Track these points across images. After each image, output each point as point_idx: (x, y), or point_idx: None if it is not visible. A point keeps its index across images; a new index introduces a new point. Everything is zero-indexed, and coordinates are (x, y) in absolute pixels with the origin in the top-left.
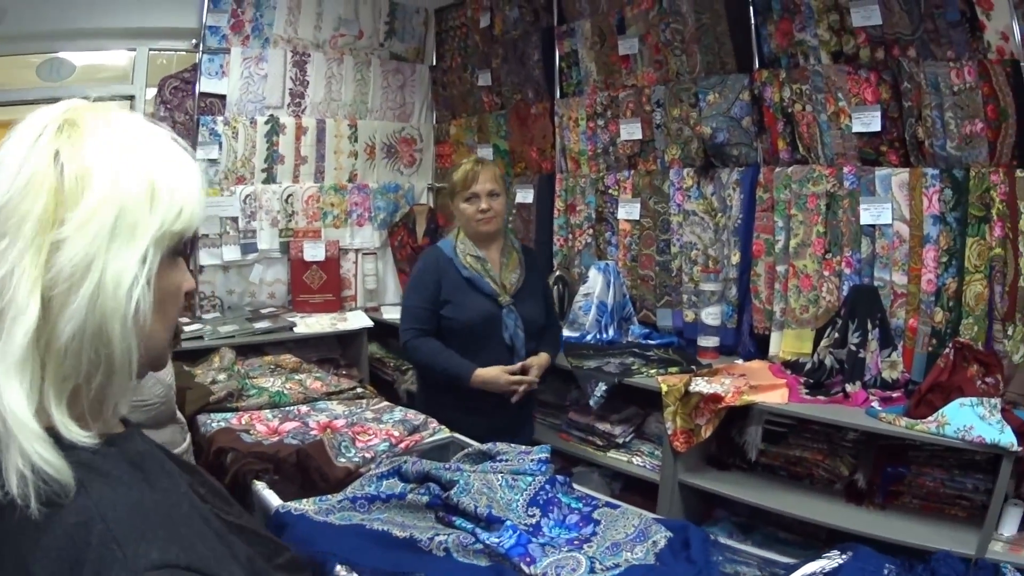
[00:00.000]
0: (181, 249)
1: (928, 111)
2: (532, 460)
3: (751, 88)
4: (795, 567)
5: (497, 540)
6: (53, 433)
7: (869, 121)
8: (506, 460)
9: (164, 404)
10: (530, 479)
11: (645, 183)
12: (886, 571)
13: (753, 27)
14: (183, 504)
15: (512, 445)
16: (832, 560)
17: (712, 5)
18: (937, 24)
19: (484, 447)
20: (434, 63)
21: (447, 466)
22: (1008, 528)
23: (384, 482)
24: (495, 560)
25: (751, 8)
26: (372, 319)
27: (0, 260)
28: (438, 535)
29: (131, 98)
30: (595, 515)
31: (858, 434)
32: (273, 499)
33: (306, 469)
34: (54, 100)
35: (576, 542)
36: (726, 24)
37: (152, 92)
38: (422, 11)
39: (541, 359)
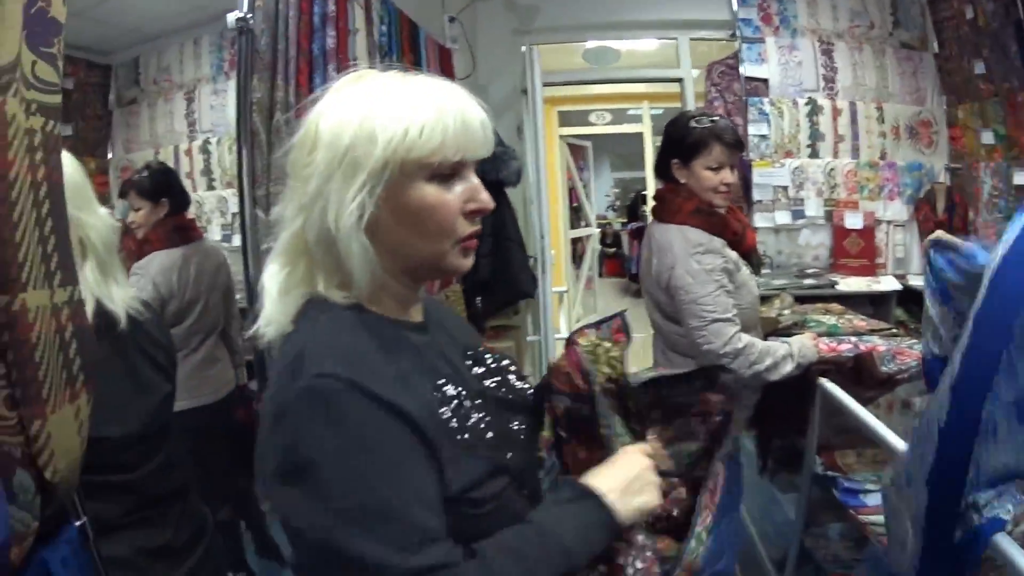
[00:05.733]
0: (443, 173)
1: None
2: None
3: None
4: None
5: None
6: (316, 294)
7: None
8: None
9: (751, 309)
10: None
11: None
12: None
13: None
14: (402, 360)
15: None
16: None
17: None
18: None
19: None
20: (936, 51)
21: None
22: None
23: None
24: None
25: None
26: (901, 284)
27: (285, 192)
28: None
29: (679, 80)
30: None
31: None
32: (835, 390)
33: (860, 370)
34: (599, 82)
35: None
36: None
37: (696, 73)
38: (917, 2)
39: None
